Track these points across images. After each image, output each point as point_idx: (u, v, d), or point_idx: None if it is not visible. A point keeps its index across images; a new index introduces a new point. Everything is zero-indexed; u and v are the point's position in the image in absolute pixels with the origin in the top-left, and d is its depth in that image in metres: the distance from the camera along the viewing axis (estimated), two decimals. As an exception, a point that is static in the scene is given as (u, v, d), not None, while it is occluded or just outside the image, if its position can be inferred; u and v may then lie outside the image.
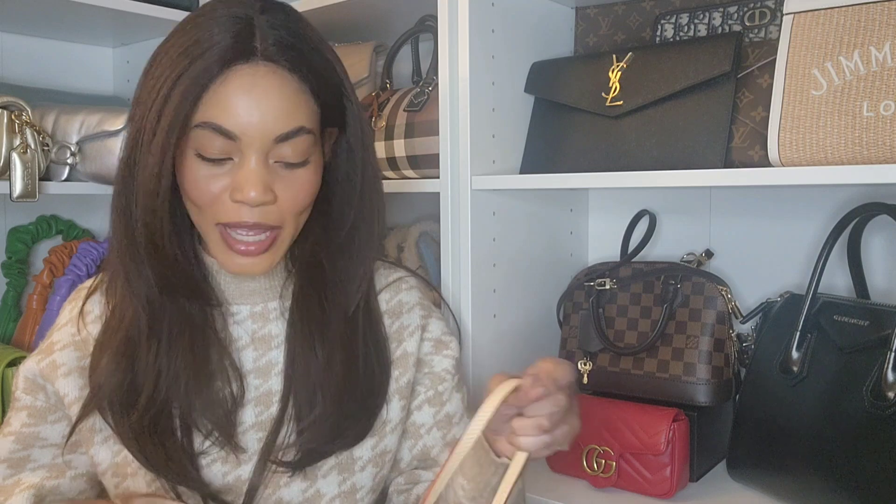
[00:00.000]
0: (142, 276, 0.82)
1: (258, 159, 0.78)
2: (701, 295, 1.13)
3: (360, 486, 0.89)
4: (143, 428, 0.82)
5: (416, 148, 1.22)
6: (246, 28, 0.78)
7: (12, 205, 1.47)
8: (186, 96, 0.76)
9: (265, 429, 0.87)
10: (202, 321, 0.86)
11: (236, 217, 0.80)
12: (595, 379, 1.19)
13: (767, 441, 1.02)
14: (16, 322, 1.49)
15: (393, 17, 1.37)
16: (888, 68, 0.85)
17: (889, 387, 0.89)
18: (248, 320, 0.90)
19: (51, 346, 0.90)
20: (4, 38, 1.57)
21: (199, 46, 0.76)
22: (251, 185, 0.78)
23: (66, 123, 1.32)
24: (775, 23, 1.09)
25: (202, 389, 0.83)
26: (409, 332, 0.95)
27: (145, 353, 0.83)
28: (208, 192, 0.79)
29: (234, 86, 0.77)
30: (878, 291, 1.11)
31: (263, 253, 0.82)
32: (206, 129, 0.77)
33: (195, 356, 0.84)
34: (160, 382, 0.83)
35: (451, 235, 1.17)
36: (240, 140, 0.77)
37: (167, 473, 0.82)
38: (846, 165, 0.87)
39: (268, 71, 0.78)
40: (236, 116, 0.77)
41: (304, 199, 0.83)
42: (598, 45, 1.30)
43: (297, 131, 0.79)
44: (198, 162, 0.79)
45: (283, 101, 0.78)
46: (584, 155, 1.13)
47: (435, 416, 0.95)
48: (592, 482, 1.12)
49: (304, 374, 0.86)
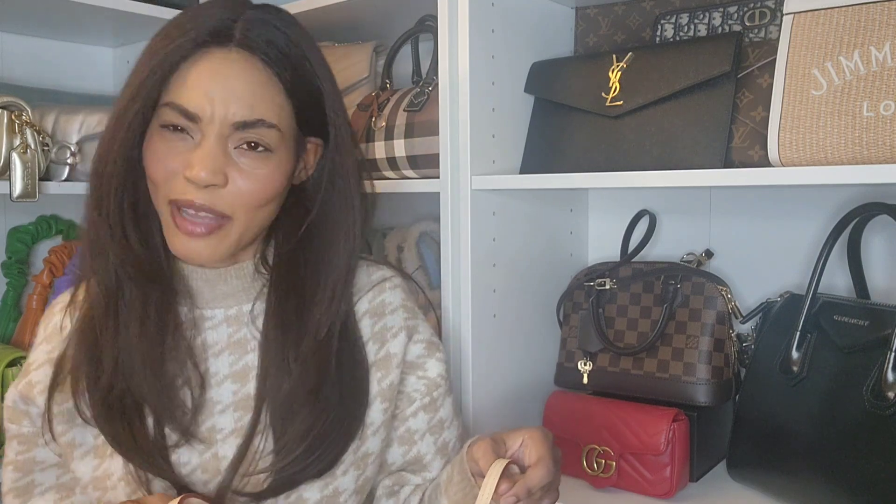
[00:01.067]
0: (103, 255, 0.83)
1: (215, 142, 0.79)
2: (701, 295, 1.13)
3: (342, 489, 0.88)
4: (111, 406, 0.82)
5: (416, 148, 1.22)
6: (229, 18, 0.79)
7: (12, 205, 1.47)
8: (154, 71, 0.78)
9: (245, 435, 0.85)
10: (159, 306, 0.84)
11: (184, 194, 0.79)
12: (595, 379, 1.19)
13: (767, 441, 1.02)
14: (16, 322, 1.50)
15: (393, 17, 1.37)
16: (888, 68, 0.85)
17: (889, 387, 0.89)
18: (223, 324, 0.88)
19: (27, 368, 0.89)
20: (4, 38, 1.57)
21: (179, 29, 0.79)
22: (202, 165, 0.78)
23: (66, 123, 1.32)
24: (775, 23, 1.09)
25: (155, 374, 0.82)
26: (392, 333, 0.92)
27: (104, 331, 0.83)
28: (164, 166, 0.80)
29: (202, 67, 0.78)
30: (878, 291, 1.11)
31: (207, 236, 0.81)
32: (170, 108, 0.78)
33: (147, 339, 0.83)
34: (119, 360, 0.82)
35: (451, 235, 1.17)
36: (200, 121, 0.78)
37: (137, 459, 0.81)
38: (846, 165, 0.87)
39: (239, 58, 0.79)
40: (198, 97, 0.78)
41: (259, 194, 0.82)
42: (598, 45, 1.30)
43: (258, 122, 0.79)
44: (160, 135, 0.80)
45: (248, 89, 0.79)
46: (584, 155, 1.13)
47: (429, 423, 0.94)
48: (592, 482, 1.12)
49: (277, 385, 0.85)
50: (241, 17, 0.80)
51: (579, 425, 1.14)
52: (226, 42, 0.78)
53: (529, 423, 1.29)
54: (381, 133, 1.26)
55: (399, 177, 1.27)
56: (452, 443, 0.97)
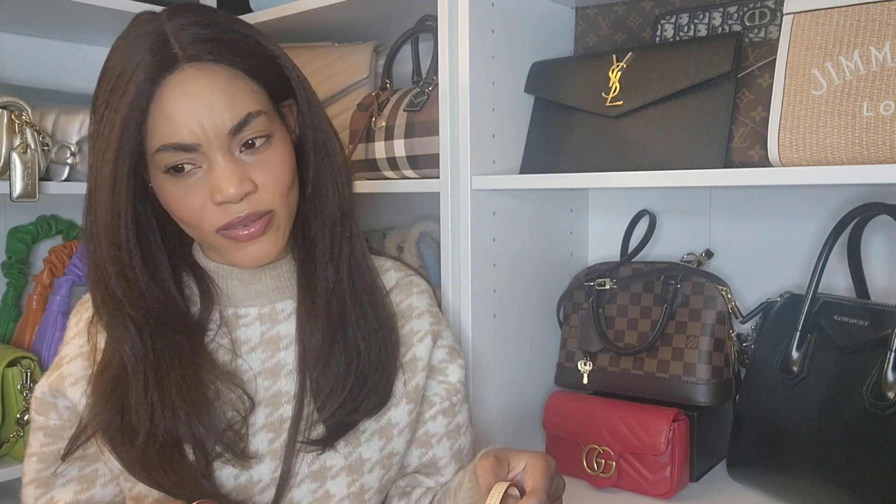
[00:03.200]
0: (120, 315, 0.82)
1: (224, 157, 0.79)
2: (701, 295, 1.13)
3: (367, 487, 0.90)
4: (148, 460, 0.81)
5: (416, 148, 1.22)
6: (159, 39, 0.78)
7: (12, 205, 1.47)
8: (128, 124, 0.76)
9: (275, 430, 0.87)
10: (190, 348, 0.85)
11: (227, 217, 0.80)
12: (595, 379, 1.19)
13: (767, 441, 1.02)
14: (16, 322, 1.50)
15: (393, 17, 1.37)
16: (888, 68, 0.85)
17: (889, 387, 0.89)
18: (256, 322, 0.90)
19: (59, 362, 0.90)
20: (4, 38, 1.57)
21: (125, 75, 0.77)
22: (227, 183, 0.78)
23: (66, 123, 1.32)
24: (775, 23, 1.09)
25: (202, 416, 0.82)
26: (418, 337, 0.95)
27: (135, 390, 0.82)
28: (191, 205, 0.80)
29: (170, 99, 0.77)
30: (878, 291, 1.11)
31: (265, 234, 0.83)
32: (164, 151, 0.78)
33: (188, 385, 0.83)
34: (155, 417, 0.82)
35: (451, 235, 1.17)
36: (200, 147, 0.78)
37: (182, 493, 0.81)
38: (846, 165, 0.87)
39: (195, 72, 0.78)
40: (185, 127, 0.77)
41: (283, 176, 0.83)
42: (598, 45, 1.30)
43: (247, 118, 0.80)
44: (170, 180, 0.80)
45: (221, 94, 0.79)
46: (584, 155, 1.13)
47: (447, 427, 0.96)
48: (592, 482, 1.12)
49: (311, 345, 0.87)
50: (170, 36, 0.78)
51: (579, 425, 1.14)
52: (173, 64, 0.77)
53: (529, 423, 1.29)
54: (381, 133, 1.26)
55: (399, 177, 1.27)
56: (466, 448, 0.99)
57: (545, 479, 0.75)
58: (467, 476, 0.86)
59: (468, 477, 0.86)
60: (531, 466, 0.76)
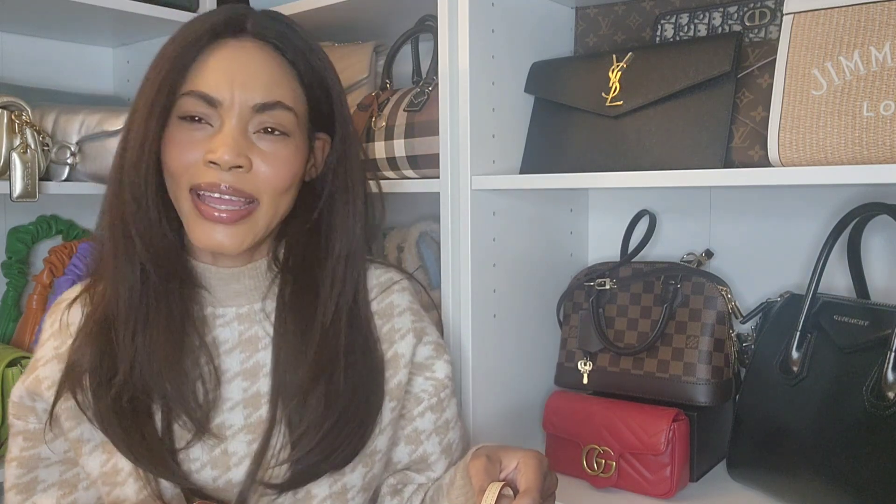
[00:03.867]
0: (129, 249, 0.83)
1: (237, 125, 0.80)
2: (701, 295, 1.13)
3: (350, 486, 0.89)
4: (121, 409, 0.82)
5: (416, 148, 1.22)
6: (237, 13, 0.84)
7: (12, 205, 1.47)
8: (175, 65, 0.80)
9: (254, 431, 0.86)
10: (181, 300, 0.86)
11: (208, 178, 0.80)
12: (595, 379, 1.19)
13: (767, 441, 1.02)
14: (16, 322, 1.49)
15: (393, 17, 1.37)
16: (888, 68, 0.85)
17: (889, 387, 0.89)
18: (234, 322, 0.89)
19: (34, 364, 0.89)
20: (4, 38, 1.57)
21: (191, 27, 0.83)
22: (225, 147, 0.79)
23: (66, 123, 1.32)
24: (775, 23, 1.09)
25: (175, 368, 0.83)
26: (400, 334, 0.94)
27: (123, 330, 0.83)
28: (185, 156, 0.81)
29: (220, 55, 0.81)
30: (878, 291, 1.11)
31: (236, 223, 0.82)
32: (190, 96, 0.80)
33: (172, 334, 0.84)
34: (136, 360, 0.82)
35: (451, 235, 1.17)
36: (220, 105, 0.80)
37: (146, 463, 0.81)
38: (846, 165, 0.87)
39: (254, 45, 0.83)
40: (217, 82, 0.80)
41: (283, 176, 0.83)
42: (598, 45, 1.30)
43: (276, 104, 0.82)
44: (179, 126, 0.81)
45: (266, 73, 0.82)
46: (584, 155, 1.13)
47: (435, 423, 0.95)
48: (592, 482, 1.12)
49: (292, 378, 0.85)
50: (250, 14, 0.84)
51: (579, 425, 1.14)
52: (239, 33, 0.83)
53: (529, 423, 1.29)
54: (381, 133, 1.26)
55: (399, 177, 1.27)
56: (456, 443, 0.98)
57: (538, 478, 0.74)
58: (459, 473, 0.86)
59: (460, 474, 0.85)
60: (523, 465, 0.76)
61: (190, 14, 1.45)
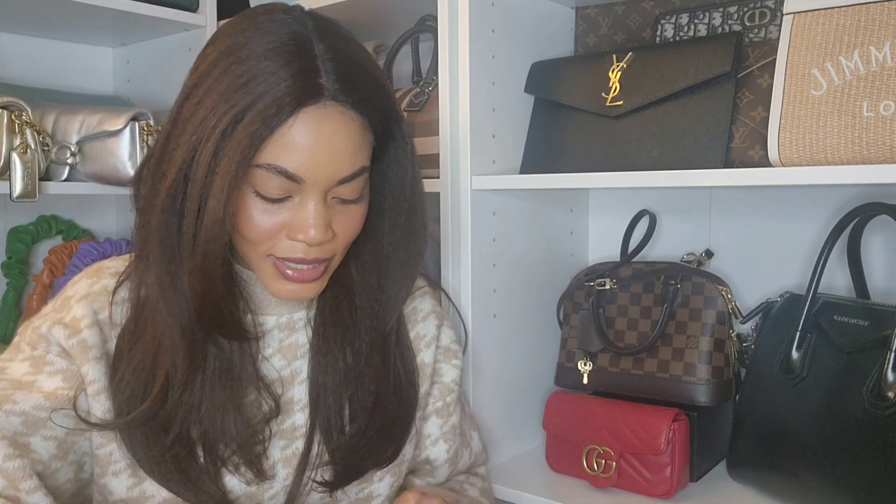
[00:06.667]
0: (182, 311, 0.78)
1: (319, 200, 0.77)
2: (701, 295, 1.13)
3: (376, 494, 0.90)
4: (165, 458, 0.79)
5: (416, 148, 1.21)
6: (308, 62, 0.74)
7: (12, 205, 1.47)
8: (254, 139, 0.72)
9: (287, 437, 0.87)
10: (240, 357, 0.83)
11: (293, 253, 0.78)
12: (595, 379, 1.19)
13: (767, 441, 1.02)
14: (16, 322, 1.49)
15: (393, 17, 1.37)
16: (888, 68, 0.85)
17: (889, 387, 0.89)
18: (274, 329, 0.88)
19: (76, 322, 0.80)
20: (4, 38, 1.57)
21: (258, 82, 0.72)
22: (314, 227, 0.76)
23: (66, 123, 1.32)
24: (775, 23, 1.09)
25: (238, 425, 0.81)
26: (425, 342, 0.95)
27: (180, 387, 0.79)
28: (265, 230, 0.77)
29: (304, 129, 0.73)
30: (878, 291, 1.11)
31: (315, 280, 0.81)
32: (269, 170, 0.74)
33: (234, 393, 0.81)
34: (191, 417, 0.79)
35: (451, 235, 1.17)
36: (304, 182, 0.75)
37: (191, 496, 0.80)
38: (846, 165, 0.87)
39: (335, 112, 0.75)
40: (302, 160, 0.74)
41: (357, 230, 0.83)
42: (598, 45, 1.30)
43: (360, 171, 0.78)
44: (255, 200, 0.76)
45: (349, 144, 0.76)
46: (584, 155, 1.13)
47: (441, 428, 0.96)
48: (592, 482, 1.12)
49: (331, 384, 0.86)
50: (318, 60, 0.74)
51: (579, 425, 1.14)
52: (318, 97, 0.73)
53: (529, 423, 1.29)
54: (381, 133, 1.26)
55: (399, 177, 1.27)
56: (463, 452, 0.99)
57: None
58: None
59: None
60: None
61: (190, 14, 1.45)
